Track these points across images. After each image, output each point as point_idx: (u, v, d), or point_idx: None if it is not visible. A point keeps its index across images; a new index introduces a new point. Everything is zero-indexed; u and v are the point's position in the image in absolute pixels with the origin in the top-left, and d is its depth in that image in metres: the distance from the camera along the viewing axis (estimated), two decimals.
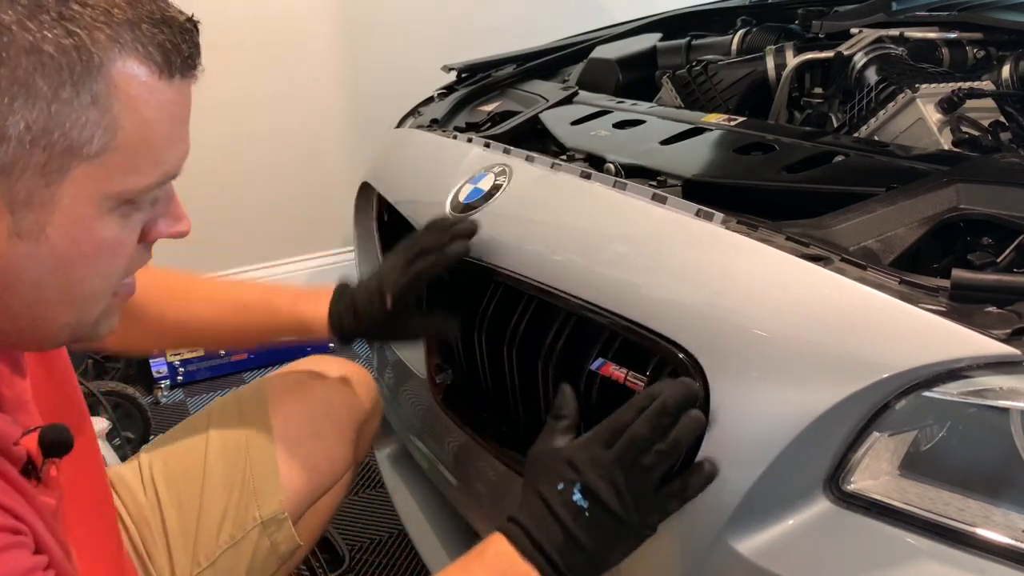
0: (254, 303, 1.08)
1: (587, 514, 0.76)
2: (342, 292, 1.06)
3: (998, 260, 0.78)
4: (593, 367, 0.90)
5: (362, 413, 1.19)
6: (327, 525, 1.25)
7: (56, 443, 0.71)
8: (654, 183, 1.02)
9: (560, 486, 0.77)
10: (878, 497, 0.73)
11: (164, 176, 0.62)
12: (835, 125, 1.25)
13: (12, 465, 0.65)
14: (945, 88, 1.11)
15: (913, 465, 0.74)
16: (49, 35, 0.53)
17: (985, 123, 1.08)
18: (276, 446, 1.12)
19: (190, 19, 0.62)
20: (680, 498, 0.77)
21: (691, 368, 0.79)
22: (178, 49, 0.59)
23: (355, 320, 1.04)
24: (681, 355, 0.80)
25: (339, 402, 1.17)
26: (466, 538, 1.29)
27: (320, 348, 2.63)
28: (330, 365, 1.21)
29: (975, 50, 1.28)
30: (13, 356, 0.72)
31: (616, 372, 0.88)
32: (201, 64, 0.63)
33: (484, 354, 1.08)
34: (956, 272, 0.72)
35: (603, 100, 1.39)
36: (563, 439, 0.81)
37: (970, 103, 1.08)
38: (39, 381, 0.77)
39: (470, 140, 1.31)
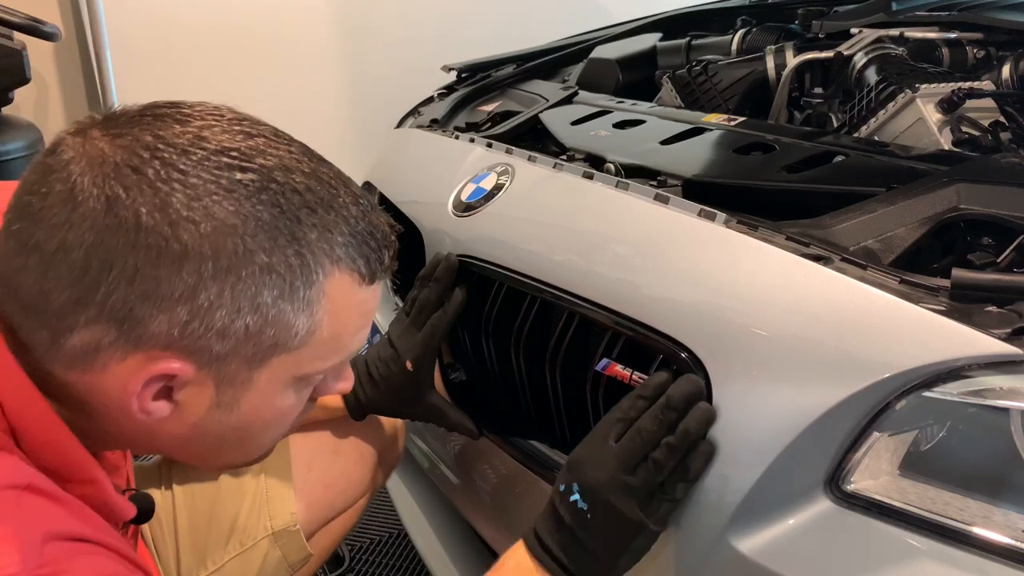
0: None
1: (589, 516, 0.74)
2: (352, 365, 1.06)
3: (998, 260, 0.78)
4: (598, 367, 0.90)
5: (384, 438, 1.18)
6: (336, 547, 1.25)
7: (145, 511, 0.76)
8: (654, 183, 1.02)
9: (562, 487, 0.76)
10: (878, 497, 0.73)
11: (346, 357, 0.70)
12: (835, 125, 1.25)
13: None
14: (945, 88, 1.11)
15: (913, 465, 0.74)
16: (281, 256, 0.60)
17: (985, 123, 1.08)
18: (293, 459, 1.11)
19: (392, 226, 0.69)
20: (685, 481, 0.74)
21: (694, 367, 0.80)
22: (381, 260, 0.67)
23: (374, 390, 1.03)
24: (684, 354, 0.81)
25: (361, 424, 1.15)
26: (467, 538, 1.29)
27: None
28: None
29: (975, 50, 1.28)
30: None
31: (621, 372, 0.88)
32: (396, 264, 0.70)
33: (492, 353, 1.08)
34: (956, 272, 0.72)
35: (603, 100, 1.39)
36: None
37: (970, 103, 1.08)
38: None
39: (472, 140, 1.31)
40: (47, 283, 0.59)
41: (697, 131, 1.15)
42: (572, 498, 0.74)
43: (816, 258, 0.79)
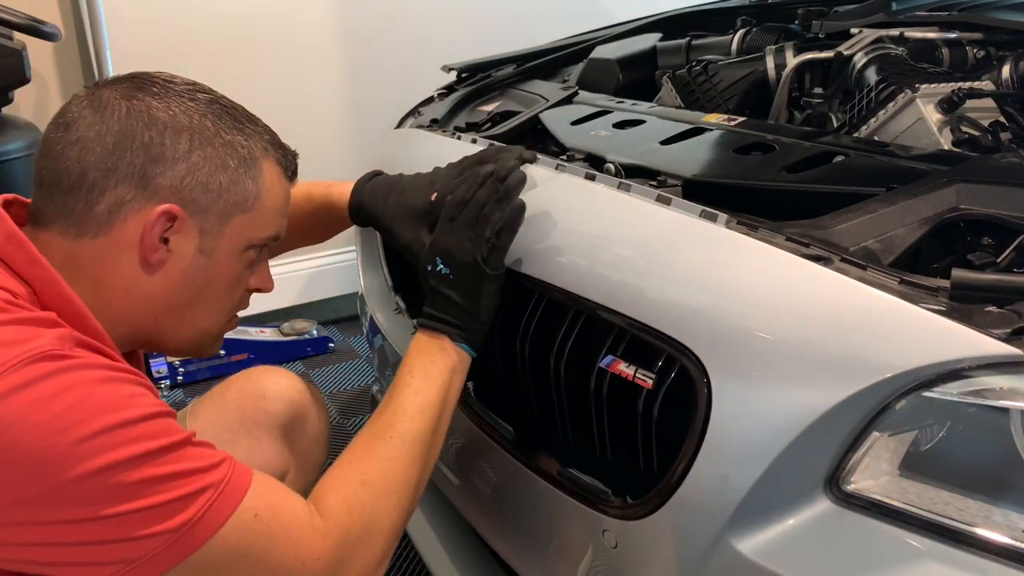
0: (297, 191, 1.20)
1: (451, 277, 0.99)
2: (371, 176, 1.19)
3: (998, 260, 0.78)
4: (603, 364, 0.90)
5: (282, 417, 1.20)
6: None
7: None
8: (654, 183, 1.02)
9: (429, 267, 1.01)
10: (878, 497, 0.74)
11: (276, 234, 0.96)
12: (835, 125, 1.25)
13: None
14: (945, 88, 1.11)
15: (913, 465, 0.74)
16: (237, 139, 0.90)
17: (985, 123, 1.08)
18: None
19: (294, 152, 0.99)
20: (507, 231, 0.98)
21: (696, 367, 0.80)
22: (289, 164, 0.97)
23: (385, 199, 1.13)
24: (686, 355, 0.81)
25: (252, 409, 1.18)
26: (466, 537, 1.30)
27: (320, 348, 2.63)
28: (259, 375, 1.22)
29: (975, 50, 1.28)
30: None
31: (625, 370, 0.88)
32: (298, 177, 1.00)
33: (497, 351, 1.08)
34: (956, 272, 0.72)
35: (603, 100, 1.39)
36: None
37: (970, 103, 1.08)
38: None
39: (474, 140, 1.31)
40: (85, 164, 0.84)
41: (697, 131, 1.16)
42: (439, 268, 1.00)
43: (816, 259, 0.79)
